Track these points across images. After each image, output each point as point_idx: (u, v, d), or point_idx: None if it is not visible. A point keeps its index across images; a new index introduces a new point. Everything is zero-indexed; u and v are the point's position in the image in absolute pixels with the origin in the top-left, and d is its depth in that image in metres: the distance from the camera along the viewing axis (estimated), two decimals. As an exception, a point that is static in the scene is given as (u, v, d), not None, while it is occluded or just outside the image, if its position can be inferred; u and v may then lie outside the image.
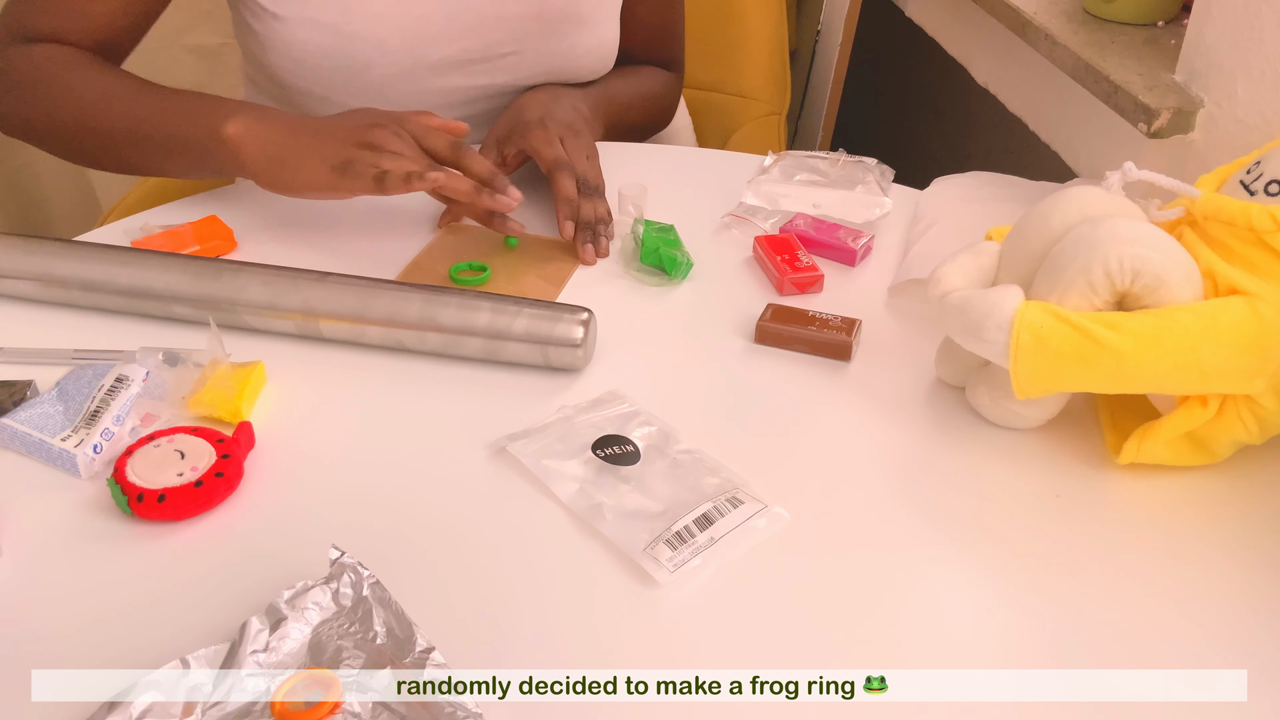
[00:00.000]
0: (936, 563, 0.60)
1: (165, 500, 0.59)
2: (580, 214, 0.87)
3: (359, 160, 0.79)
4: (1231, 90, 0.98)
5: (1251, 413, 0.64)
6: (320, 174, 0.80)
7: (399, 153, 0.81)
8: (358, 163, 0.79)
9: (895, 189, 0.97)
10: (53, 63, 0.87)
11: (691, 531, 0.60)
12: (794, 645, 0.55)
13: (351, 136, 0.81)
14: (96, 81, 0.87)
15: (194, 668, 0.50)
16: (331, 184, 0.80)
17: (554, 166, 0.89)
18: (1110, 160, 1.22)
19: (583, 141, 0.93)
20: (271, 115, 0.84)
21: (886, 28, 1.86)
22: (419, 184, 0.78)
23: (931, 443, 0.69)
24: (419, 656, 0.50)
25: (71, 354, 0.73)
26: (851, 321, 0.77)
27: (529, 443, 0.66)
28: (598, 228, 0.87)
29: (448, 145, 0.83)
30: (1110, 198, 0.67)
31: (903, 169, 0.99)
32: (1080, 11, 1.24)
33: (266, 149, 0.82)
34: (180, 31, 1.74)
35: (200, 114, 0.84)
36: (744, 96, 1.46)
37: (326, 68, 0.94)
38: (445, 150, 0.83)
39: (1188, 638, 0.56)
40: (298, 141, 0.82)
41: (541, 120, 0.93)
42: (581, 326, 0.72)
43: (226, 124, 0.82)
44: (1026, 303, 0.63)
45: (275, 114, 0.84)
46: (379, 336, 0.74)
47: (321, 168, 0.80)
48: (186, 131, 0.84)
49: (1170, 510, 0.65)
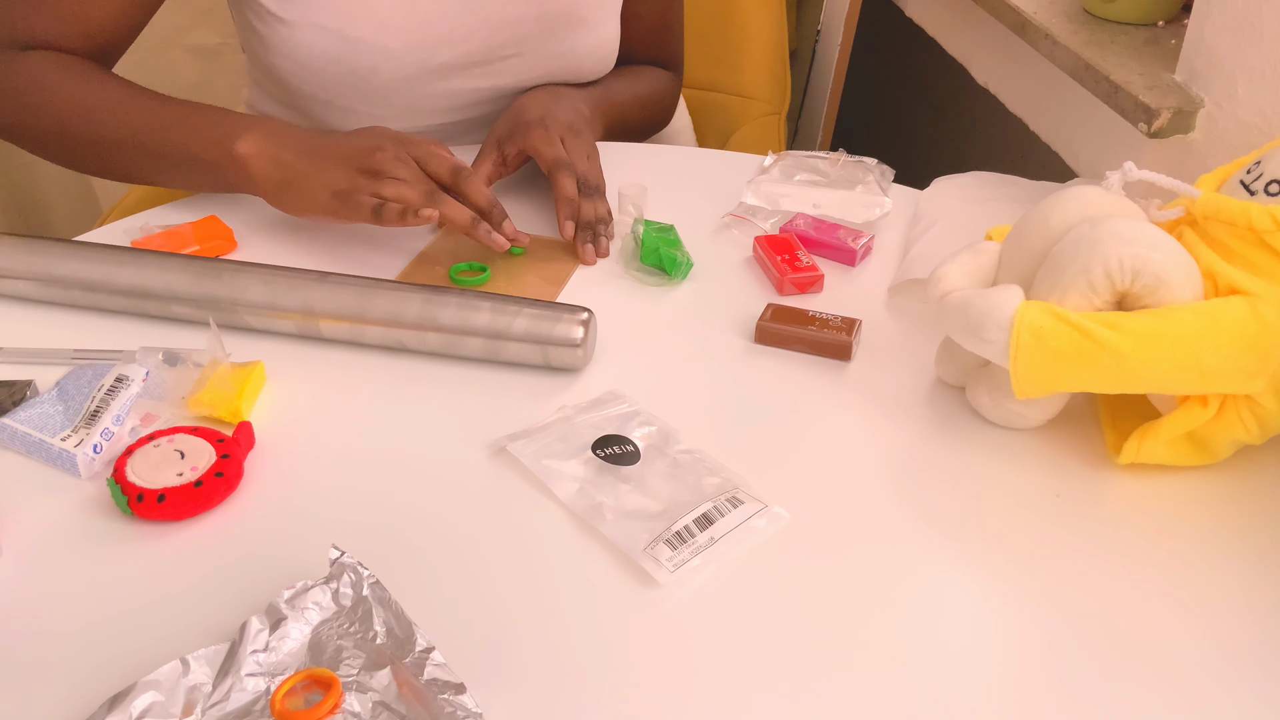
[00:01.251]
0: (936, 562, 0.60)
1: (165, 500, 0.59)
2: (580, 214, 0.87)
3: (360, 189, 0.80)
4: (1232, 90, 0.98)
5: (1251, 413, 0.64)
6: (322, 199, 0.81)
7: (400, 179, 0.81)
8: (358, 192, 0.80)
9: (895, 189, 0.97)
10: (50, 70, 0.86)
11: (691, 531, 0.60)
12: (794, 645, 0.55)
13: (355, 160, 0.82)
14: (97, 89, 0.86)
15: (194, 668, 0.50)
16: (332, 210, 0.81)
17: (554, 166, 0.89)
18: (1110, 160, 1.22)
19: (583, 141, 0.93)
20: (282, 133, 0.84)
21: (886, 28, 1.86)
22: (413, 220, 0.79)
23: (931, 443, 0.69)
24: (419, 656, 0.50)
25: (71, 354, 0.73)
26: (851, 321, 0.77)
27: (529, 443, 0.66)
28: (598, 228, 0.87)
29: (450, 170, 0.83)
30: (1110, 198, 0.67)
31: (903, 169, 0.99)
32: (1080, 11, 1.24)
33: (275, 171, 0.83)
34: (180, 31, 1.75)
35: (209, 129, 0.84)
36: (744, 96, 1.46)
37: (331, 73, 0.94)
38: (447, 176, 0.83)
39: (1188, 637, 0.56)
40: (304, 164, 0.82)
41: (542, 120, 0.93)
42: (581, 326, 0.72)
43: (238, 142, 0.82)
44: (1026, 302, 0.63)
45: (286, 131, 0.84)
46: (379, 336, 0.74)
47: (323, 194, 0.81)
48: (195, 147, 0.84)
49: (1170, 510, 0.65)
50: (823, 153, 0.99)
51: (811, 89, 1.91)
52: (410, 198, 0.80)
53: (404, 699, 0.48)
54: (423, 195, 0.81)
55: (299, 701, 0.49)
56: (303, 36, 0.93)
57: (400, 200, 0.80)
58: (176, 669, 0.50)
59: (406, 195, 0.80)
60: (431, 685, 0.49)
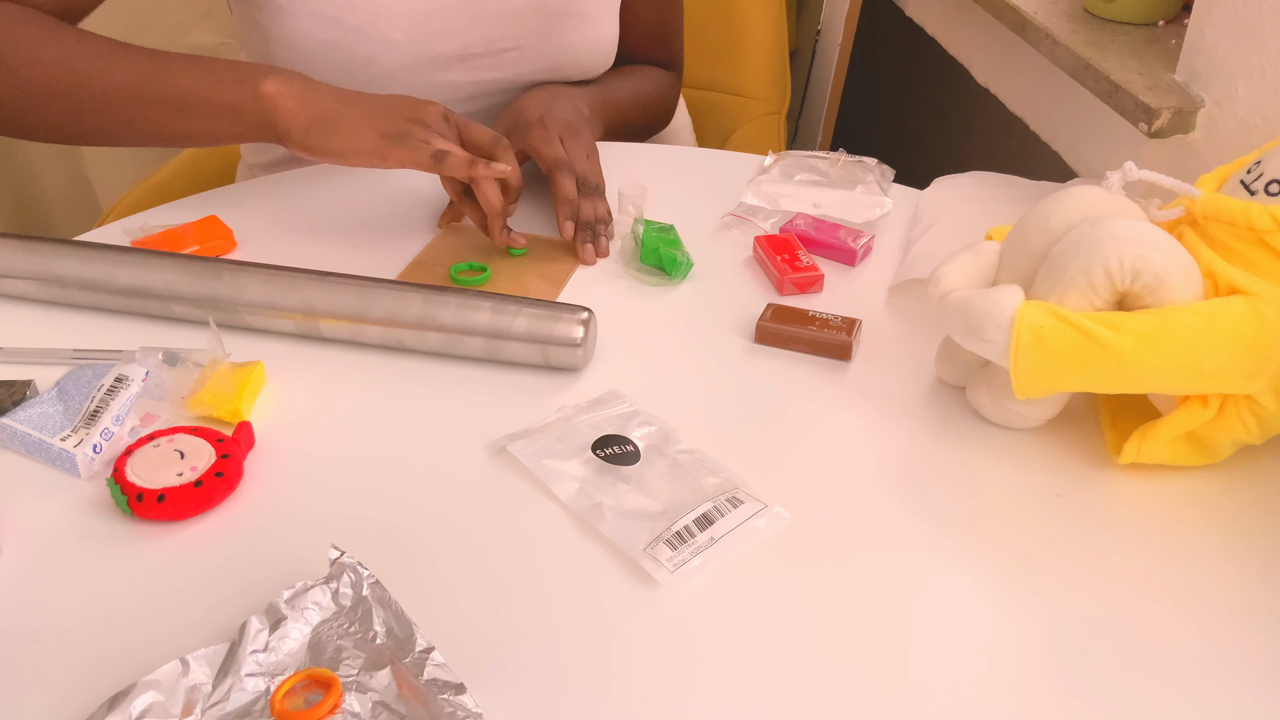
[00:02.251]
0: (937, 562, 0.60)
1: (165, 500, 0.59)
2: (580, 214, 0.87)
3: (412, 134, 0.80)
4: (1232, 90, 0.97)
5: (1252, 413, 0.64)
6: (368, 140, 0.80)
7: (447, 137, 0.81)
8: (412, 136, 0.79)
9: (895, 189, 0.97)
10: (18, 22, 0.79)
11: (691, 531, 0.60)
12: (794, 645, 0.55)
13: (403, 110, 0.82)
14: (80, 41, 0.80)
15: (194, 668, 0.50)
16: (380, 152, 0.79)
17: (553, 166, 0.89)
18: (1110, 160, 1.22)
19: (582, 141, 0.93)
20: (312, 80, 0.83)
21: (886, 28, 1.86)
22: (473, 170, 0.79)
23: (931, 443, 0.69)
24: (419, 656, 0.50)
25: (71, 354, 0.73)
26: (851, 321, 0.77)
27: (529, 442, 0.66)
28: (597, 227, 0.87)
29: (490, 139, 0.84)
30: (1110, 197, 0.67)
31: (903, 169, 0.99)
32: (1080, 11, 1.24)
33: (309, 109, 0.81)
34: (180, 31, 1.74)
35: (227, 70, 0.82)
36: (743, 96, 1.46)
37: (330, 61, 0.94)
38: (487, 143, 0.84)
39: (1188, 637, 0.56)
40: (345, 106, 0.81)
41: (541, 120, 0.93)
42: (581, 326, 0.72)
43: (263, 81, 0.81)
44: (1027, 302, 0.63)
45: (315, 80, 0.84)
46: (379, 336, 0.74)
47: (370, 134, 0.80)
48: (209, 89, 0.81)
49: (1170, 510, 0.65)
50: (823, 153, 0.99)
51: (811, 89, 1.91)
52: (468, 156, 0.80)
53: (404, 699, 0.48)
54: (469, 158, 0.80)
55: (299, 702, 0.49)
56: (300, 24, 0.93)
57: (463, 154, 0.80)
58: (176, 669, 0.50)
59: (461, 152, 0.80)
60: (431, 685, 0.49)
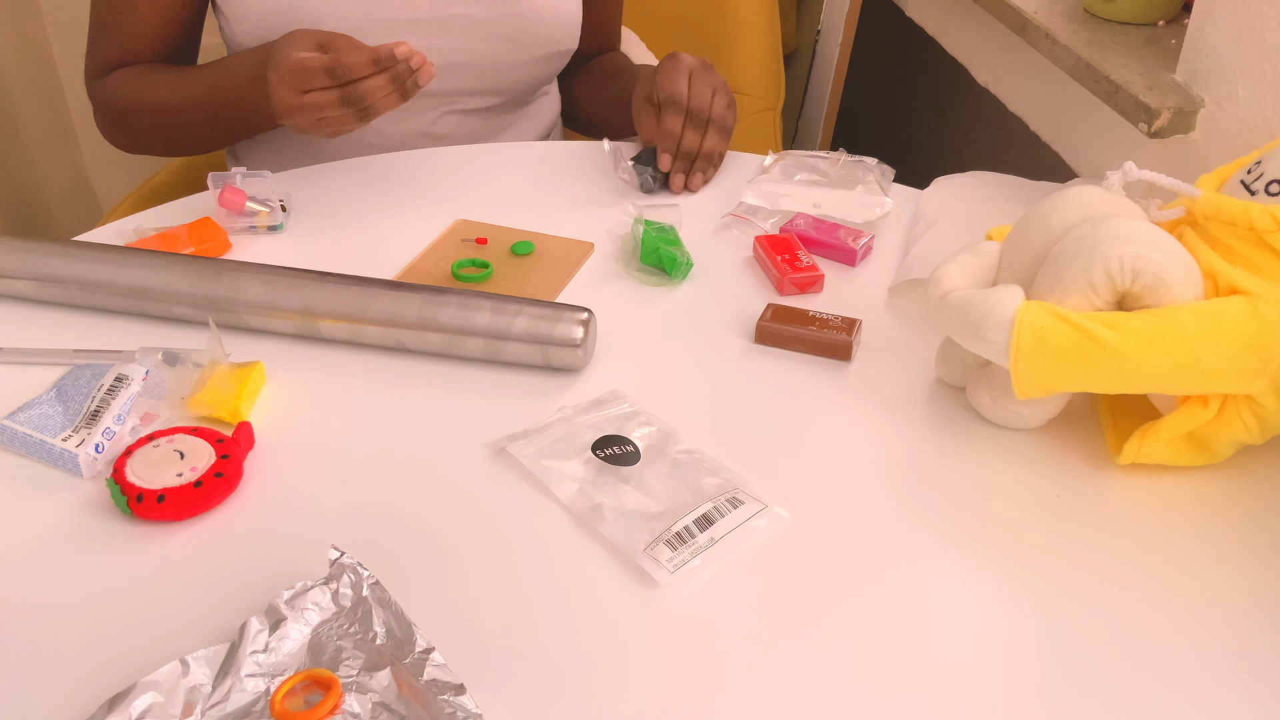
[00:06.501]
0: (937, 562, 0.60)
1: (165, 500, 0.59)
2: (681, 145, 0.94)
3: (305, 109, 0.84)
4: (1232, 90, 0.97)
5: (1252, 413, 0.64)
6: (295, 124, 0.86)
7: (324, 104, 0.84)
8: (306, 113, 0.84)
9: (895, 189, 0.97)
10: (130, 78, 0.99)
11: (691, 532, 0.60)
12: (794, 645, 0.55)
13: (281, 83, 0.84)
14: (164, 78, 0.98)
15: (193, 668, 0.50)
16: (301, 130, 0.87)
17: (666, 101, 0.94)
18: (1111, 160, 1.22)
19: (712, 77, 0.96)
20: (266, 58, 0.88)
21: (886, 28, 1.86)
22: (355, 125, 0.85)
23: (931, 443, 0.69)
24: (419, 657, 0.50)
25: (71, 354, 0.73)
26: (851, 321, 0.77)
27: (529, 443, 0.66)
28: (697, 162, 0.93)
29: (367, 62, 0.82)
30: (1111, 198, 0.67)
31: (903, 169, 0.99)
32: (1080, 11, 1.24)
33: None
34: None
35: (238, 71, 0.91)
36: (738, 92, 1.46)
37: (280, 26, 0.96)
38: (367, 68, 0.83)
39: (1188, 637, 0.56)
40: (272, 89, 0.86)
41: (674, 55, 0.97)
42: (581, 326, 0.72)
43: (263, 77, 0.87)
44: (1027, 302, 0.63)
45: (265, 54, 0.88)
46: (379, 336, 0.74)
47: (291, 119, 0.86)
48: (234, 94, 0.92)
49: (1170, 510, 0.65)
50: (823, 152, 0.99)
51: (811, 88, 1.91)
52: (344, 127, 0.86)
53: (404, 700, 0.48)
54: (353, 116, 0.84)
55: (299, 702, 0.49)
56: None
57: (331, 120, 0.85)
58: (176, 670, 0.50)
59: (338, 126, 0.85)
60: (431, 686, 0.49)
